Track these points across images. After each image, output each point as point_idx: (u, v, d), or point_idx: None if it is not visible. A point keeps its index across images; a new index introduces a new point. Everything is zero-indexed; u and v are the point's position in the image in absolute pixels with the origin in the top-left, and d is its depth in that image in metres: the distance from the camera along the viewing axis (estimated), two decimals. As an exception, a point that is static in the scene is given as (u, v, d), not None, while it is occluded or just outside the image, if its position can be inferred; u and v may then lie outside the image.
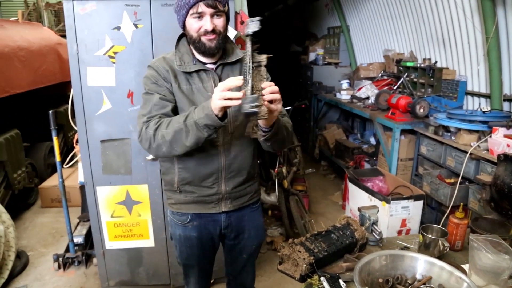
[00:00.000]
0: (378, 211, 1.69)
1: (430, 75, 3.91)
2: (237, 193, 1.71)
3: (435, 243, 1.51)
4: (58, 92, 5.09)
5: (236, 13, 2.64)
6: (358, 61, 6.07)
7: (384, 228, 3.08)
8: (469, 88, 3.57)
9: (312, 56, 6.67)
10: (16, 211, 4.34)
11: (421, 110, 3.46)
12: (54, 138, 3.02)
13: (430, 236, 1.52)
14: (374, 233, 1.65)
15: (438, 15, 3.83)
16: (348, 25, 6.10)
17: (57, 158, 3.08)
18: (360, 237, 1.55)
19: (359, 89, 4.94)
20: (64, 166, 3.41)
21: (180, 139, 1.38)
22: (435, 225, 1.59)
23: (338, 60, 6.28)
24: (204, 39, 1.48)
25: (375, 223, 1.65)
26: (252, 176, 1.76)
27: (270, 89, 1.28)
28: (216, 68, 1.59)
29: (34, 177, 4.59)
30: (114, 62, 2.38)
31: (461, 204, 1.62)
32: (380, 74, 5.06)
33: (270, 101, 1.29)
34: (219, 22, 1.48)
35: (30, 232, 4.04)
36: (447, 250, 1.49)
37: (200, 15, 1.44)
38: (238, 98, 1.22)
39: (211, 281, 2.98)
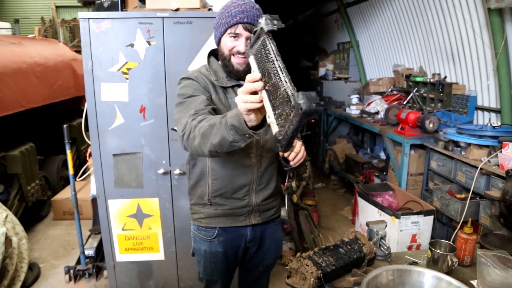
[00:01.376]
0: (386, 226, 1.70)
1: (440, 90, 3.92)
2: (265, 205, 1.74)
3: (444, 258, 1.51)
4: (72, 106, 5.21)
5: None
6: (367, 76, 6.09)
7: (394, 244, 3.06)
8: (479, 103, 3.57)
9: (322, 71, 6.71)
10: (29, 223, 4.40)
11: (431, 125, 3.46)
12: (68, 152, 3.09)
13: (438, 251, 1.52)
14: (382, 248, 1.66)
15: (447, 31, 3.86)
16: (358, 40, 6.15)
17: (70, 171, 3.14)
18: (368, 251, 1.55)
19: (369, 104, 4.96)
20: (77, 179, 3.47)
21: (209, 135, 1.27)
22: (444, 240, 1.59)
23: (348, 75, 6.30)
24: (234, 60, 1.55)
25: (383, 238, 1.65)
26: (278, 190, 1.81)
27: (297, 157, 1.47)
28: None
29: (47, 190, 4.66)
30: (127, 78, 2.45)
31: (470, 219, 1.61)
32: (389, 89, 5.07)
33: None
34: None
35: (42, 244, 4.09)
36: (456, 265, 1.48)
37: (236, 36, 1.52)
38: (258, 102, 1.08)
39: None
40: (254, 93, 1.07)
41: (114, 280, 2.89)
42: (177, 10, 2.40)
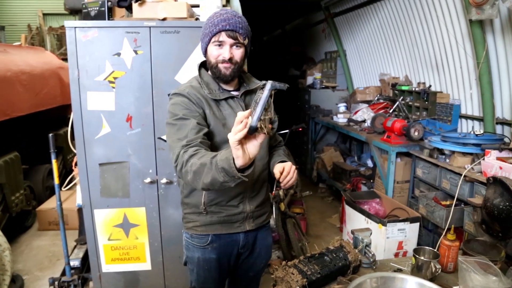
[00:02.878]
0: (371, 234, 1.72)
1: (425, 98, 3.98)
2: (258, 212, 1.78)
3: (427, 265, 1.53)
4: (58, 114, 5.15)
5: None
6: (355, 84, 6.15)
7: (380, 251, 3.08)
8: (463, 111, 3.64)
9: (309, 80, 6.75)
10: (13, 234, 4.32)
11: (416, 133, 3.51)
12: (54, 161, 3.04)
13: (422, 258, 1.54)
14: (367, 255, 1.67)
15: (431, 41, 3.93)
16: (345, 49, 6.21)
17: (56, 181, 3.09)
18: (353, 259, 1.56)
19: (356, 112, 5.01)
20: (63, 189, 3.42)
21: (201, 174, 1.34)
22: (428, 247, 1.61)
23: (335, 84, 6.35)
24: (221, 66, 1.58)
25: (368, 245, 1.67)
26: (268, 196, 1.87)
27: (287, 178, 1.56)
28: (241, 95, 1.69)
29: (31, 200, 4.59)
30: (114, 87, 2.44)
31: (453, 226, 1.64)
32: (376, 98, 5.13)
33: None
34: (238, 53, 1.59)
35: (27, 255, 4.02)
36: (439, 272, 1.50)
37: (221, 44, 1.56)
38: (244, 127, 1.17)
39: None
40: None
41: (100, 291, 2.85)
42: (164, 19, 2.41)
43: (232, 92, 1.68)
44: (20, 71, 3.98)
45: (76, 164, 2.66)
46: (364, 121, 4.77)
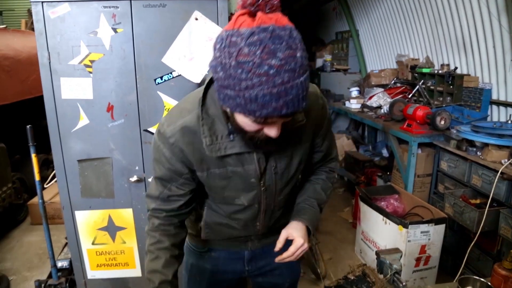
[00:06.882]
0: (401, 257, 1.35)
1: (450, 82, 3.58)
2: (271, 232, 1.37)
3: (477, 303, 1.17)
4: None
5: (231, 14, 2.34)
6: (368, 67, 5.78)
7: (401, 256, 2.73)
8: (495, 97, 3.23)
9: (319, 63, 6.42)
10: (4, 229, 4.08)
11: (442, 122, 3.11)
12: (33, 156, 2.73)
13: (471, 295, 1.18)
14: (396, 285, 1.31)
15: (458, 16, 3.50)
16: (358, 29, 5.83)
17: (36, 177, 2.78)
18: (379, 293, 1.21)
19: (370, 97, 4.60)
20: (45, 186, 3.13)
21: (147, 267, 1.22)
22: (477, 277, 1.24)
23: (347, 67, 6.01)
24: (259, 140, 0.98)
25: (398, 272, 1.31)
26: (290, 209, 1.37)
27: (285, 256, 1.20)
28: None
29: (23, 193, 4.31)
30: (91, 72, 2.08)
31: (510, 252, 1.27)
32: (392, 81, 4.73)
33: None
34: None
35: (16, 252, 3.77)
36: (495, 315, 1.14)
37: (268, 123, 0.92)
38: None
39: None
40: None
41: (86, 299, 2.57)
42: (147, -10, 2.03)
43: (248, 148, 1.08)
44: (2, 56, 3.63)
45: (52, 161, 2.35)
46: (379, 107, 4.36)
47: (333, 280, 1.28)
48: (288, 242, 1.22)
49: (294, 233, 1.21)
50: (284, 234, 1.23)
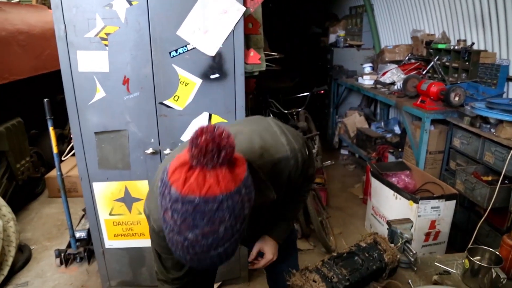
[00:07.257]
0: (412, 227, 1.38)
1: (466, 58, 3.50)
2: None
3: (485, 271, 1.20)
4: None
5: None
6: (382, 43, 5.64)
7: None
8: (512, 74, 3.16)
9: (332, 38, 6.27)
10: (23, 201, 4.20)
11: (456, 99, 3.07)
12: (51, 129, 2.81)
13: (480, 263, 1.20)
14: (406, 253, 1.35)
15: (476, -10, 3.39)
16: (372, 3, 5.65)
17: (54, 149, 2.86)
18: (390, 260, 1.24)
19: (384, 73, 4.55)
20: (63, 158, 3.21)
21: None
22: (486, 247, 1.27)
23: (361, 42, 5.87)
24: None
25: (408, 241, 1.34)
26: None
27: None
28: None
29: (40, 166, 4.42)
30: (106, 45, 2.10)
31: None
32: (407, 57, 4.65)
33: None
34: None
35: (36, 223, 3.90)
36: (504, 282, 1.17)
37: None
38: None
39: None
40: None
41: (104, 267, 2.67)
42: (162, -39, 2.01)
43: None
44: (16, 31, 3.65)
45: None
46: (393, 83, 4.31)
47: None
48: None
49: (265, 248, 1.43)
50: (257, 248, 1.45)
